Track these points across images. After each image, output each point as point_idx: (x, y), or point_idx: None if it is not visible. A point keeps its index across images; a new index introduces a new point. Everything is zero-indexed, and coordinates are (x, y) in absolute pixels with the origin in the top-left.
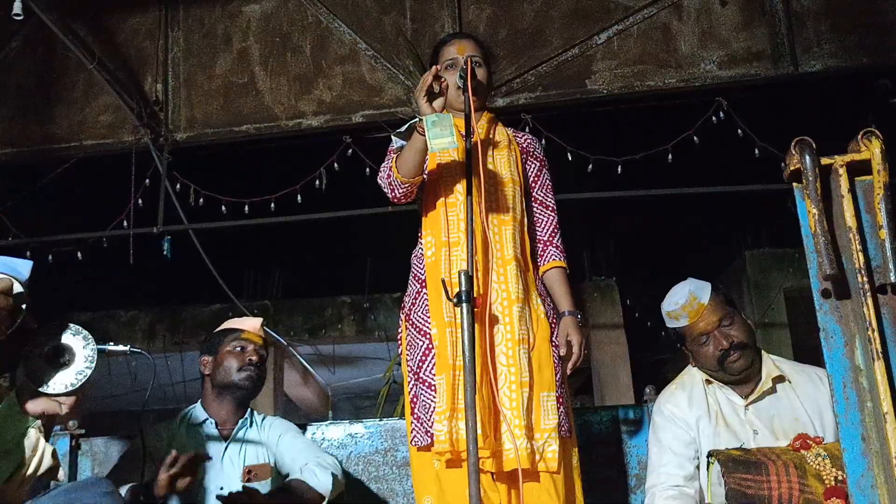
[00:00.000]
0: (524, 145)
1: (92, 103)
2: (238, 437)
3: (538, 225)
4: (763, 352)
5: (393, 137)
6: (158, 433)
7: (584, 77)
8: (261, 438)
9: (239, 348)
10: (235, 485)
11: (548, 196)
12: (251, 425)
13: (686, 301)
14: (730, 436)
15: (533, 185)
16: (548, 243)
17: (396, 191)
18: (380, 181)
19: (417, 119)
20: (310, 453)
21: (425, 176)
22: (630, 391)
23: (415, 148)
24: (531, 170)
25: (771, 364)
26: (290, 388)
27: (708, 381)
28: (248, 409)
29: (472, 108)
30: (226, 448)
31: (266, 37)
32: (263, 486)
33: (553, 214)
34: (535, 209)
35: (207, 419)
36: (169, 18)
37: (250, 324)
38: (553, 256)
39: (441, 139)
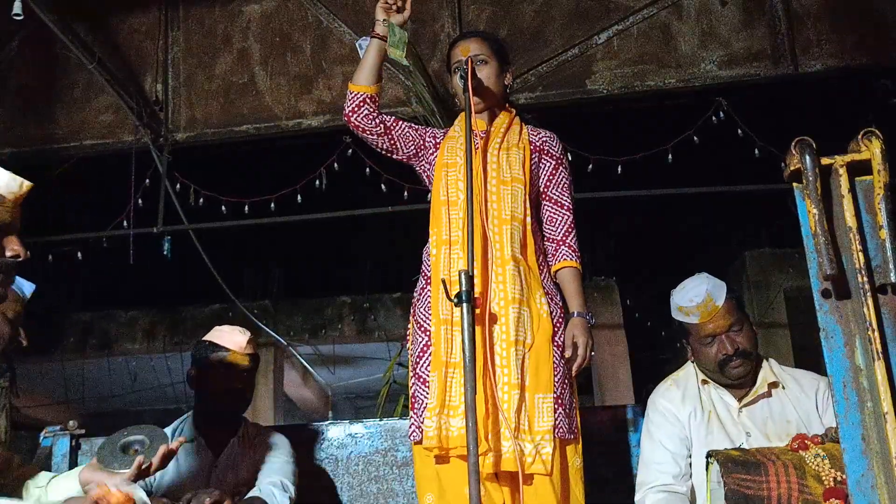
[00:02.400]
0: (538, 143)
1: (92, 103)
2: (228, 455)
3: (551, 224)
4: (764, 358)
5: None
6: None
7: (584, 77)
8: (252, 455)
9: (222, 370)
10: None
11: (563, 195)
12: (243, 441)
13: (702, 301)
14: (722, 436)
15: (547, 183)
16: (561, 242)
17: (347, 106)
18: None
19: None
20: (275, 473)
21: (408, 134)
22: (630, 391)
23: (369, 52)
24: (545, 168)
25: (769, 370)
26: (290, 388)
27: (704, 382)
28: (241, 424)
29: (472, 107)
30: (215, 466)
31: (266, 37)
32: None
33: (567, 214)
34: (548, 208)
35: (198, 437)
36: (169, 18)
37: (236, 342)
38: (565, 256)
39: (395, 49)
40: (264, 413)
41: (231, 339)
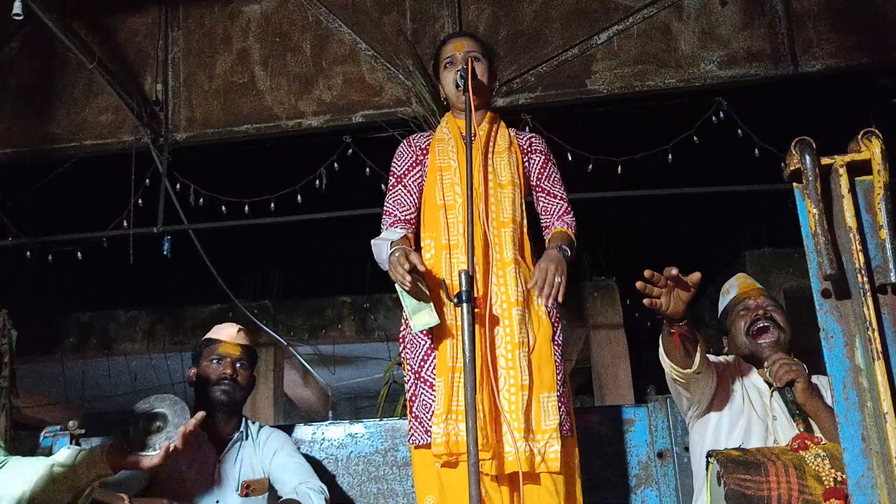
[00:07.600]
0: (525, 145)
1: (92, 103)
2: (232, 451)
3: (545, 213)
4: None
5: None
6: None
7: (584, 77)
8: (255, 452)
9: (215, 361)
10: (231, 498)
11: (555, 186)
12: (246, 438)
13: (744, 275)
14: (751, 417)
15: (539, 177)
16: (557, 220)
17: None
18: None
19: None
20: (303, 475)
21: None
22: (630, 391)
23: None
24: (535, 164)
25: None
26: (290, 388)
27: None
28: (242, 420)
29: (472, 108)
30: (219, 461)
31: (266, 37)
32: (261, 501)
33: (562, 202)
34: (542, 198)
35: (200, 433)
36: (169, 18)
37: (227, 332)
38: (559, 225)
39: (420, 315)
40: (264, 413)
41: (223, 331)
